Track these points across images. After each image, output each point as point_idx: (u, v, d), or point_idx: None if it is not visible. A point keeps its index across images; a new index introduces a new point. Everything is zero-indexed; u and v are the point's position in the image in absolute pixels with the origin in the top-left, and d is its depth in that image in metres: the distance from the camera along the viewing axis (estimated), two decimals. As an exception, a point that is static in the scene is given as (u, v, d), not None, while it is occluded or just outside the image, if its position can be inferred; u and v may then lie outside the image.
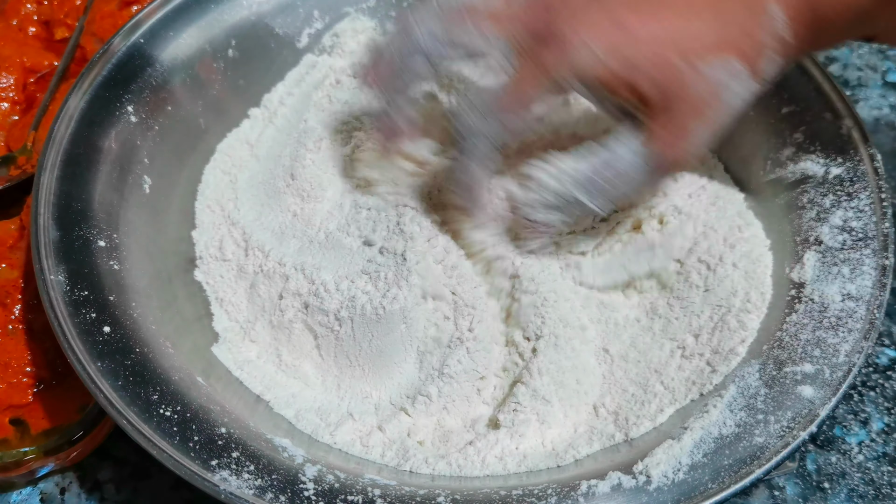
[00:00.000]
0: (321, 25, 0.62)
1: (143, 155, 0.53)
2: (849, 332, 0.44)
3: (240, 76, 0.59)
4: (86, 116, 0.51)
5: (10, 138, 0.61)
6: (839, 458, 0.51)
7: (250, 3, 0.60)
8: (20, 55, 0.63)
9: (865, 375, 0.54)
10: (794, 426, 0.41)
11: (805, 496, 0.49)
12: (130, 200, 0.51)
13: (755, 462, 0.40)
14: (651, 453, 0.42)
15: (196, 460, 0.40)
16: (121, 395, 0.41)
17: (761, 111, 0.55)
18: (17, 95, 0.62)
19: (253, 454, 0.41)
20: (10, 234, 0.54)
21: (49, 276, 0.45)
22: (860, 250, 0.47)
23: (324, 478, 0.41)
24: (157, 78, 0.55)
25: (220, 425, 0.42)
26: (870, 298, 0.45)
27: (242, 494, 0.39)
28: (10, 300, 0.51)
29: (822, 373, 0.43)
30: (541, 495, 0.41)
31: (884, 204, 0.49)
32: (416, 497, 0.41)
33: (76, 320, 0.44)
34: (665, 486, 0.40)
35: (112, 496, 0.50)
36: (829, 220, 0.49)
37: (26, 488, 0.50)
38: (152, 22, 0.56)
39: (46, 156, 0.49)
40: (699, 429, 0.43)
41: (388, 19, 0.63)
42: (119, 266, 0.48)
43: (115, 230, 0.49)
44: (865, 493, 0.49)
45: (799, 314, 0.46)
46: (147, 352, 0.44)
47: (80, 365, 0.42)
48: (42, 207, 0.47)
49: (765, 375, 0.44)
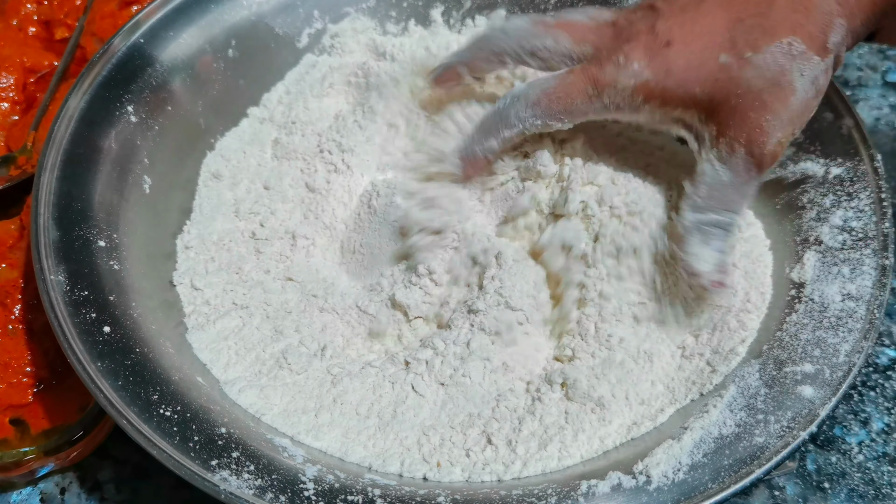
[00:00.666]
0: (321, 25, 0.62)
1: (143, 155, 0.53)
2: (849, 332, 0.44)
3: (240, 76, 0.59)
4: (86, 116, 0.51)
5: (10, 138, 0.61)
6: (839, 458, 0.51)
7: (250, 3, 0.60)
8: (20, 55, 0.63)
9: (865, 375, 0.54)
10: (794, 426, 0.41)
11: (805, 496, 0.49)
12: (130, 200, 0.51)
13: (755, 462, 0.40)
14: (651, 453, 0.42)
15: (196, 460, 0.40)
16: (121, 395, 0.41)
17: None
18: (17, 95, 0.62)
19: (253, 454, 0.41)
20: (10, 234, 0.54)
21: (49, 276, 0.45)
22: (860, 250, 0.47)
23: (324, 478, 0.41)
24: (157, 78, 0.55)
25: (220, 425, 0.42)
26: (870, 298, 0.45)
27: (242, 494, 0.39)
28: (10, 300, 0.51)
29: (822, 373, 0.43)
30: (541, 495, 0.41)
31: (884, 204, 0.49)
32: (416, 497, 0.41)
33: (76, 320, 0.44)
34: (665, 486, 0.40)
35: (112, 496, 0.50)
36: (829, 220, 0.49)
37: (26, 488, 0.50)
38: (152, 22, 0.56)
39: (46, 156, 0.49)
40: (699, 429, 0.43)
41: (389, 19, 0.63)
42: (119, 266, 0.48)
43: (115, 230, 0.49)
44: (865, 493, 0.49)
45: (799, 314, 0.46)
46: (147, 352, 0.44)
47: (80, 365, 0.42)
48: (42, 207, 0.47)
49: (765, 375, 0.44)
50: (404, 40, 0.62)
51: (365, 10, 0.63)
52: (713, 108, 0.44)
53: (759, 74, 0.42)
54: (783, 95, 0.42)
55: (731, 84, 0.43)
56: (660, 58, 0.44)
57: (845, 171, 0.51)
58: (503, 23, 0.51)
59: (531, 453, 0.44)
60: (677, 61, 0.44)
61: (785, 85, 0.42)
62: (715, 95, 0.43)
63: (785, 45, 0.42)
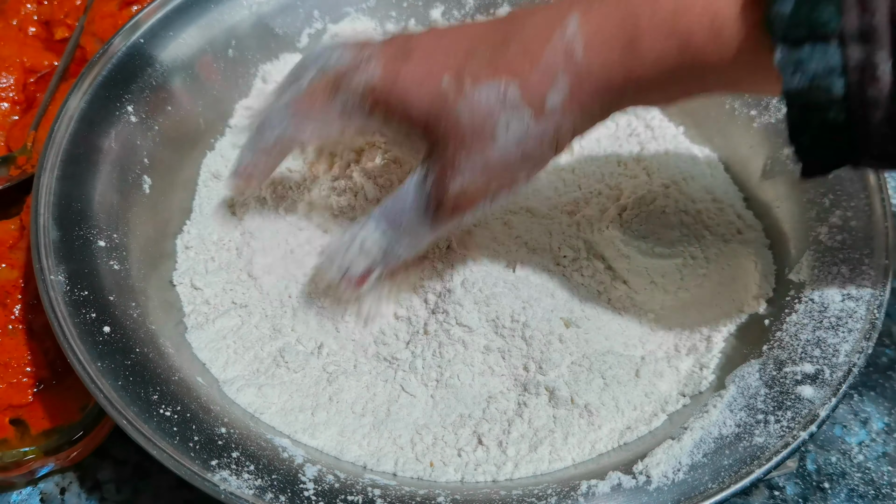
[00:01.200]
0: (321, 25, 0.62)
1: (143, 155, 0.53)
2: (849, 332, 0.44)
3: (240, 76, 0.59)
4: (86, 116, 0.51)
5: (10, 138, 0.61)
6: (839, 458, 0.51)
7: (250, 3, 0.60)
8: (20, 55, 0.63)
9: (865, 375, 0.54)
10: (794, 426, 0.41)
11: (805, 496, 0.49)
12: (130, 200, 0.51)
13: (755, 462, 0.40)
14: (651, 453, 0.42)
15: (196, 460, 0.40)
16: (121, 395, 0.41)
17: (761, 111, 0.55)
18: (17, 95, 0.62)
19: (253, 454, 0.41)
20: (10, 234, 0.54)
21: (49, 276, 0.45)
22: (860, 250, 0.47)
23: (324, 478, 0.41)
24: (157, 78, 0.55)
25: (220, 425, 0.42)
26: (870, 298, 0.45)
27: (242, 494, 0.39)
28: (10, 300, 0.51)
29: (822, 373, 0.43)
30: (541, 495, 0.41)
31: (884, 204, 0.49)
32: (415, 497, 0.41)
33: (76, 320, 0.44)
34: (665, 486, 0.40)
35: (112, 496, 0.50)
36: (829, 220, 0.49)
37: (26, 488, 0.50)
38: (152, 22, 0.56)
39: (46, 156, 0.49)
40: (699, 429, 0.43)
41: (388, 19, 0.63)
42: (119, 266, 0.48)
43: (115, 230, 0.49)
44: (865, 493, 0.49)
45: (799, 314, 0.46)
46: (147, 352, 0.44)
47: (80, 365, 0.42)
48: (42, 207, 0.47)
49: (765, 375, 0.44)
50: (404, 40, 0.62)
51: (365, 10, 0.63)
52: (429, 129, 0.40)
53: (468, 111, 0.38)
54: (483, 142, 0.38)
55: (444, 112, 0.39)
56: (395, 64, 0.41)
57: (845, 170, 0.50)
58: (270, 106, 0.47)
59: (521, 455, 0.44)
60: (407, 73, 0.40)
61: (488, 132, 0.38)
62: (430, 119, 0.40)
63: (501, 87, 0.38)
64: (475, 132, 0.38)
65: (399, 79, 0.40)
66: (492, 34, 0.40)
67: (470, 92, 0.38)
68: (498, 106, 0.38)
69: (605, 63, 0.37)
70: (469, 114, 0.38)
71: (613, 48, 0.37)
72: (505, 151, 0.39)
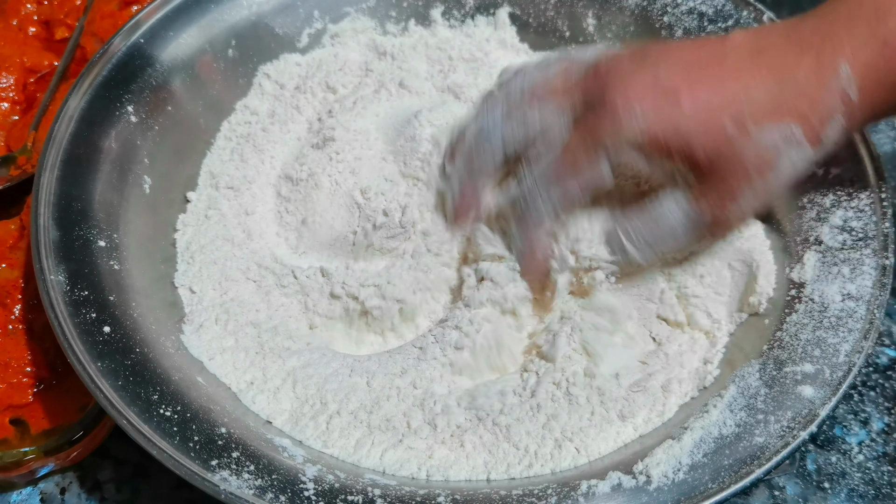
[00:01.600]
0: (321, 25, 0.62)
1: (143, 155, 0.53)
2: (849, 332, 0.44)
3: (240, 76, 0.59)
4: (86, 116, 0.51)
5: (10, 138, 0.61)
6: (839, 458, 0.51)
7: (250, 3, 0.60)
8: (20, 55, 0.63)
9: (865, 375, 0.54)
10: (794, 426, 0.41)
11: (805, 496, 0.49)
12: (130, 200, 0.51)
13: (755, 462, 0.40)
14: (651, 453, 0.42)
15: (196, 460, 0.40)
16: (121, 395, 0.41)
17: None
18: (17, 95, 0.62)
19: (253, 454, 0.41)
20: (10, 234, 0.54)
21: (49, 276, 0.45)
22: (860, 250, 0.47)
23: (324, 478, 0.41)
24: (157, 78, 0.55)
25: (220, 425, 0.42)
26: (870, 298, 0.45)
27: (242, 494, 0.39)
28: (10, 300, 0.51)
29: (822, 373, 0.43)
30: (541, 495, 0.41)
31: (884, 204, 0.49)
32: (416, 497, 0.41)
33: (76, 320, 0.44)
34: (665, 486, 0.40)
35: (112, 496, 0.50)
36: (829, 220, 0.49)
37: (26, 488, 0.50)
38: (152, 22, 0.56)
39: (46, 156, 0.49)
40: (699, 429, 0.43)
41: (388, 19, 0.63)
42: (119, 266, 0.48)
43: (115, 230, 0.49)
44: (865, 493, 0.49)
45: (799, 314, 0.46)
46: (147, 352, 0.44)
47: (80, 365, 0.42)
48: (42, 207, 0.47)
49: (765, 375, 0.44)
50: (404, 40, 0.62)
51: (365, 10, 0.63)
52: (711, 167, 0.43)
53: (754, 150, 0.42)
54: (764, 174, 0.43)
55: (730, 152, 0.43)
56: (665, 108, 0.43)
57: (845, 170, 0.50)
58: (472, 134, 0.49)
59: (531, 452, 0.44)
60: (684, 119, 0.43)
61: (772, 164, 0.43)
62: (713, 159, 0.43)
63: (786, 129, 0.42)
64: (758, 166, 0.43)
65: (681, 126, 0.43)
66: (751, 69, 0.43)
67: (756, 134, 0.42)
68: (782, 144, 0.42)
69: (875, 101, 0.43)
70: (754, 152, 0.42)
71: (884, 85, 0.42)
72: (784, 178, 0.44)
